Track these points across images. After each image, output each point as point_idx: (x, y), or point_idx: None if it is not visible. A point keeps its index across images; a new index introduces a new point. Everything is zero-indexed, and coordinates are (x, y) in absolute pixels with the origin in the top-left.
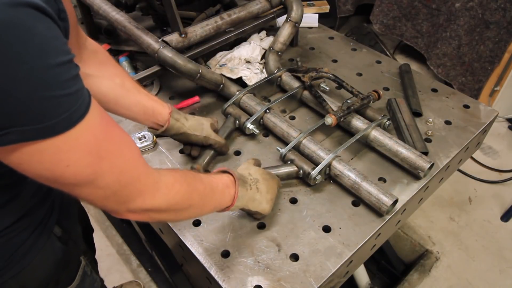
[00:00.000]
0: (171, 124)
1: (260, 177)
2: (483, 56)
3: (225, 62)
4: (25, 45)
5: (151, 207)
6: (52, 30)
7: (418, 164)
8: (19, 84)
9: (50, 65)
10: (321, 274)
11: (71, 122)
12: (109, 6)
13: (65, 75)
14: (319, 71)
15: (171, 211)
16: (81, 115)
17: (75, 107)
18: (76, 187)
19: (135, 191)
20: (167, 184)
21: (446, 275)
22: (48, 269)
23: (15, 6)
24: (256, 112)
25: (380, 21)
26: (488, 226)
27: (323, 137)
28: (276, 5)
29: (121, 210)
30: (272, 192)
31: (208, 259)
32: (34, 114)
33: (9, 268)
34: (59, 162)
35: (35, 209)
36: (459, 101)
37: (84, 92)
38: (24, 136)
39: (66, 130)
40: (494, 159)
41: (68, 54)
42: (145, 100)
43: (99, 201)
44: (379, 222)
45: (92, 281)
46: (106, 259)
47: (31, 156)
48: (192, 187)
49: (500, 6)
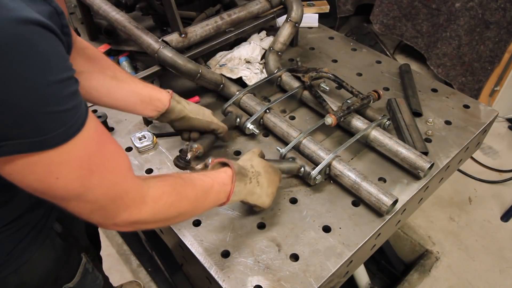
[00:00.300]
0: (172, 106)
1: (262, 170)
2: (483, 56)
3: (225, 62)
4: (28, 62)
5: (137, 220)
6: (55, 47)
7: (418, 164)
8: (19, 99)
9: (51, 81)
10: (321, 274)
11: (67, 136)
12: (109, 6)
13: (65, 91)
14: (319, 71)
15: (158, 221)
16: (77, 129)
17: (71, 122)
18: (64, 200)
19: (123, 205)
20: (155, 196)
21: (446, 275)
22: (47, 265)
23: (21, 23)
24: (256, 112)
25: (380, 21)
26: (488, 226)
27: (323, 137)
28: (276, 5)
29: (107, 223)
30: (273, 185)
31: (208, 259)
32: (32, 128)
33: (8, 264)
34: (49, 174)
35: (34, 207)
36: (459, 101)
37: (82, 106)
38: (19, 149)
39: (60, 144)
40: (494, 159)
41: (69, 71)
42: (140, 88)
43: (86, 214)
44: (379, 222)
45: (94, 278)
46: (106, 259)
47: (23, 167)
48: (181, 196)
49: (500, 6)
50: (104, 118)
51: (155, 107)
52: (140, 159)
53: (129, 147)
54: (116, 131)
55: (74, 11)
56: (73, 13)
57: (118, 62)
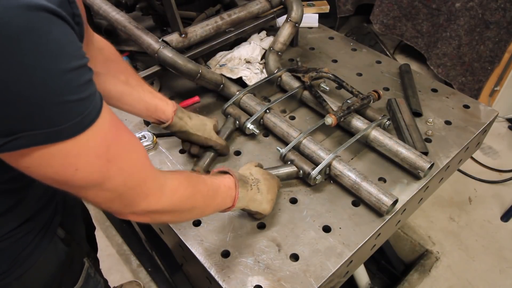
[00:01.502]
0: (174, 122)
1: (261, 177)
2: (483, 56)
3: (225, 62)
4: (40, 50)
5: (155, 209)
6: (67, 35)
7: (418, 164)
8: (32, 89)
9: (64, 70)
10: (321, 274)
11: (82, 126)
12: (109, 6)
13: (78, 80)
14: (319, 71)
15: (174, 212)
16: (92, 119)
17: (86, 112)
18: (83, 189)
19: (141, 193)
20: (172, 187)
21: (446, 275)
22: (51, 271)
23: (31, 10)
24: (256, 112)
25: (380, 21)
26: (488, 226)
27: (323, 137)
28: (276, 5)
29: (125, 211)
30: (272, 192)
31: (208, 259)
32: (46, 119)
33: (13, 270)
34: (68, 166)
35: (39, 212)
36: (459, 101)
37: (96, 96)
38: (34, 141)
39: (76, 135)
40: (494, 159)
41: (82, 59)
42: (148, 98)
43: (105, 203)
44: (379, 222)
45: (96, 283)
46: (106, 259)
47: (40, 160)
48: (196, 189)
49: (500, 6)
50: None
51: (159, 118)
52: None
53: None
54: None
55: None
56: None
57: None
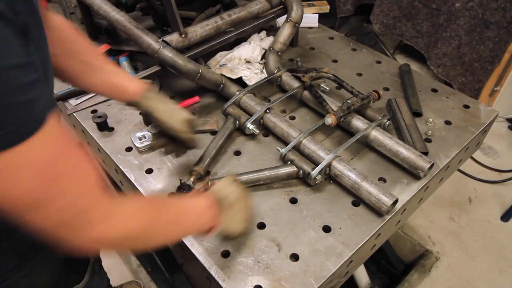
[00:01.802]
0: (138, 101)
1: (235, 198)
2: (483, 56)
3: (225, 62)
4: None
5: (108, 238)
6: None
7: (418, 164)
8: None
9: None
10: (321, 274)
11: (20, 136)
12: (109, 6)
13: (16, 81)
14: (319, 71)
15: (134, 239)
16: (33, 129)
17: (26, 119)
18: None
19: (88, 221)
20: (128, 213)
21: (446, 275)
22: (57, 268)
23: None
24: (256, 112)
25: (380, 21)
26: (488, 226)
27: (323, 137)
28: (276, 5)
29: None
30: (246, 211)
31: (208, 259)
32: None
33: (22, 266)
34: (4, 180)
35: None
36: (459, 101)
37: (41, 103)
38: None
39: (13, 145)
40: (494, 159)
41: (20, 57)
42: (111, 77)
43: (47, 229)
44: (379, 222)
45: (100, 278)
46: (106, 259)
47: None
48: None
49: (500, 6)
50: (104, 118)
51: (121, 98)
52: (140, 159)
53: (129, 147)
54: (116, 131)
55: (74, 11)
56: (73, 13)
57: (118, 62)
